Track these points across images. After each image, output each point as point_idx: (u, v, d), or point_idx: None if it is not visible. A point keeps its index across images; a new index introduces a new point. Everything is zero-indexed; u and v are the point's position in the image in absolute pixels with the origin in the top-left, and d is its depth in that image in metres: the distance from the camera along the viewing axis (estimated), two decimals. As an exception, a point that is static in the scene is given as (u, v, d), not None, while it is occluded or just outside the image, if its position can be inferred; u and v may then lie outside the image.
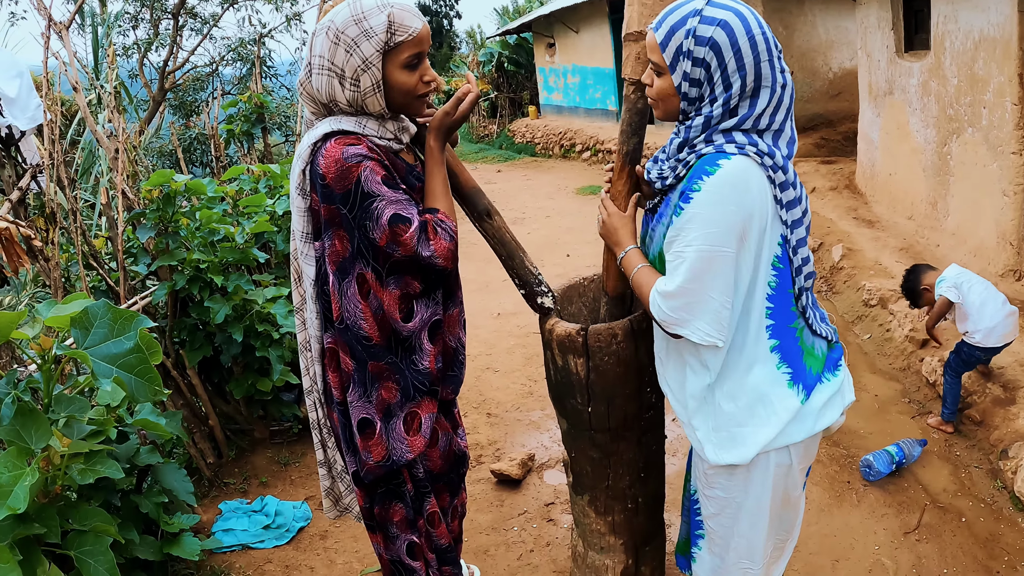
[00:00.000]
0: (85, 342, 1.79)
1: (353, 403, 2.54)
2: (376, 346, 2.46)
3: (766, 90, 2.08)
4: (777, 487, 2.40)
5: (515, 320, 6.97)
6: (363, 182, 2.24)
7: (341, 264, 2.39)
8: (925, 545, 3.53)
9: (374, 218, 2.26)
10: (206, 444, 4.62)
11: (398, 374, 2.52)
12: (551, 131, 16.76)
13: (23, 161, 6.11)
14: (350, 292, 2.40)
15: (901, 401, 4.80)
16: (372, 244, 2.30)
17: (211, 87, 17.50)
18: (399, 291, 2.39)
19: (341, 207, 2.28)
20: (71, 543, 1.96)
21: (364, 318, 2.41)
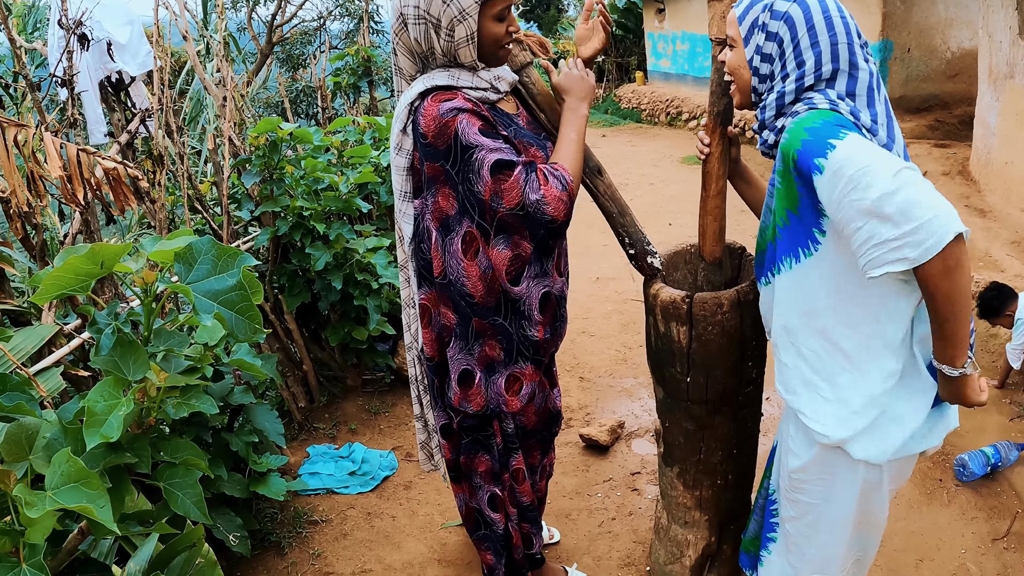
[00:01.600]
0: (188, 277, 1.80)
1: (453, 357, 2.55)
2: (479, 304, 2.45)
3: (843, 74, 2.01)
4: (862, 502, 2.27)
5: (613, 285, 6.90)
6: (460, 134, 2.23)
7: (444, 221, 2.39)
8: (1013, 554, 3.38)
9: (476, 170, 2.23)
10: (299, 388, 4.68)
11: (502, 335, 2.51)
12: (658, 98, 16.51)
13: (133, 106, 6.23)
14: (453, 248, 2.39)
15: (1001, 401, 4.60)
16: (478, 200, 2.28)
17: (318, 41, 17.68)
18: (509, 251, 2.36)
19: (444, 163, 2.28)
20: (160, 474, 1.99)
21: (467, 275, 2.40)
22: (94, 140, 6.21)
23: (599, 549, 3.53)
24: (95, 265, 1.79)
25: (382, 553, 3.60)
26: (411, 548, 3.62)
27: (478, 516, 2.92)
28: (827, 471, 2.23)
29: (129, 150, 4.88)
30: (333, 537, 3.72)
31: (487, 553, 2.98)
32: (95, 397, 1.81)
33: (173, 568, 2.06)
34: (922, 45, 10.18)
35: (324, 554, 3.61)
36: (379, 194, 4.80)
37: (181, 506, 1.96)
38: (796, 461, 2.30)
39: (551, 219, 2.27)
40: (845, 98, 2.01)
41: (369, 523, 3.81)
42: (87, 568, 1.88)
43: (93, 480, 1.62)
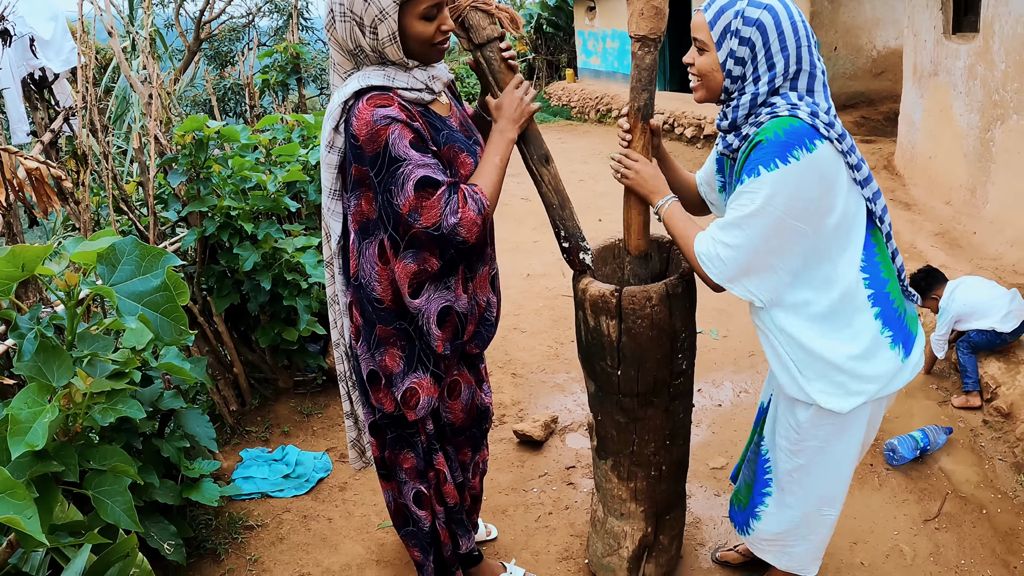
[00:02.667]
0: (111, 279, 1.76)
1: (361, 355, 2.58)
2: (387, 310, 2.46)
3: (805, 73, 2.24)
4: (868, 433, 2.59)
5: (544, 282, 6.93)
6: (390, 145, 2.23)
7: (364, 224, 2.38)
8: (944, 534, 3.47)
9: (399, 183, 2.24)
10: (230, 392, 4.62)
11: (405, 341, 2.52)
12: (588, 95, 16.60)
13: (56, 103, 6.10)
14: (368, 253, 2.40)
15: (928, 387, 4.72)
16: (394, 212, 2.27)
17: (247, 38, 17.45)
18: (415, 266, 2.35)
19: (370, 169, 2.27)
20: (89, 483, 1.94)
21: (379, 280, 2.41)
22: (16, 140, 6.07)
23: (537, 544, 3.54)
24: (16, 268, 1.75)
25: (320, 556, 3.57)
26: (349, 550, 3.60)
27: (405, 512, 2.92)
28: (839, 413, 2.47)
29: (52, 150, 4.76)
30: (269, 542, 3.68)
31: (414, 550, 2.99)
32: (19, 404, 1.76)
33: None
34: (849, 44, 10.40)
35: (261, 559, 3.57)
36: (308, 193, 4.76)
37: (111, 514, 1.92)
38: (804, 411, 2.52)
39: (463, 240, 2.30)
40: (805, 96, 2.24)
41: (305, 526, 3.78)
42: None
43: (19, 490, 1.58)
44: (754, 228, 2.22)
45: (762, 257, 2.27)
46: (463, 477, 2.96)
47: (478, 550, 3.23)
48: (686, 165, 2.78)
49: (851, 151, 2.24)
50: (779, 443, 2.67)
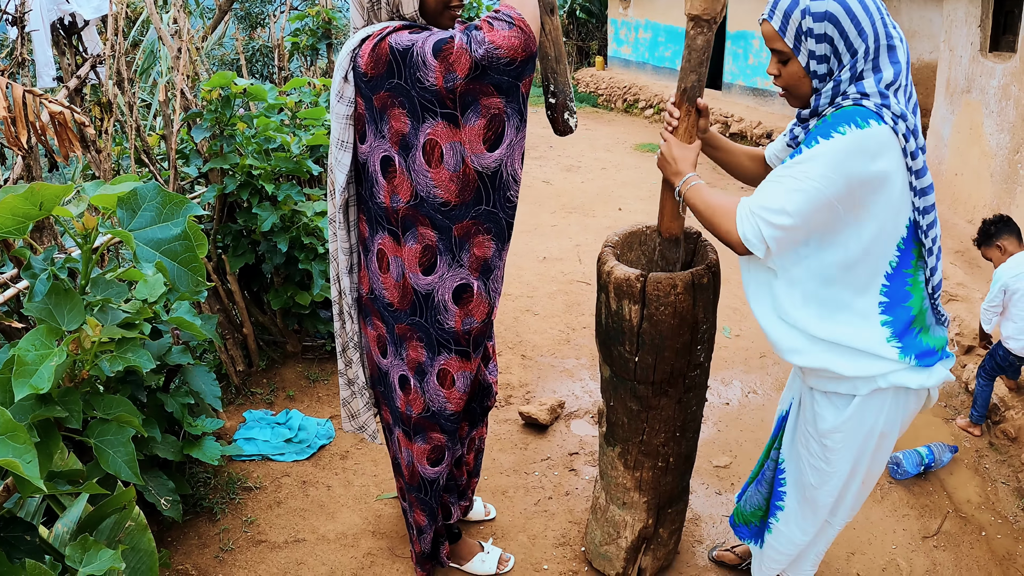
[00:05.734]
0: (130, 224, 1.72)
1: (444, 275, 2.50)
2: (457, 207, 2.38)
3: (884, 48, 2.12)
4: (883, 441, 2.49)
5: (560, 266, 6.89)
6: (394, 45, 2.21)
7: (403, 141, 2.33)
8: (942, 552, 3.44)
9: (420, 63, 2.18)
10: (238, 352, 4.60)
11: (491, 223, 2.43)
12: (616, 84, 16.48)
13: (84, 50, 6.06)
14: (417, 162, 2.33)
15: (937, 404, 4.67)
16: (432, 92, 2.21)
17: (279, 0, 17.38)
18: (484, 120, 2.25)
19: (390, 81, 2.24)
20: (92, 431, 1.91)
21: (436, 184, 2.34)
22: (42, 83, 6.03)
23: (534, 527, 3.52)
24: (33, 206, 1.71)
25: (316, 523, 3.55)
26: (345, 518, 3.58)
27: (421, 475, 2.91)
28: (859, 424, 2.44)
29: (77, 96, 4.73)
30: (267, 505, 3.67)
31: (420, 514, 2.98)
32: (26, 346, 1.73)
33: (102, 530, 2.00)
34: (883, 55, 10.28)
35: (257, 521, 3.55)
36: (331, 158, 4.72)
37: (112, 465, 1.89)
38: (824, 424, 2.47)
39: (509, 60, 2.16)
40: (881, 86, 2.13)
41: (304, 492, 3.76)
42: (13, 527, 1.81)
43: (20, 433, 1.55)
44: (799, 201, 2.13)
45: (800, 233, 2.18)
46: (461, 451, 2.95)
47: (458, 527, 3.22)
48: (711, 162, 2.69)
49: (917, 152, 2.14)
50: (800, 452, 2.63)
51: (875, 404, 2.40)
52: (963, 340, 5.04)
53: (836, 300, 2.29)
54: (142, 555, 2.02)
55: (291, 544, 3.43)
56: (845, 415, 2.41)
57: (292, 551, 3.39)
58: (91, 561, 1.75)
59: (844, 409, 2.42)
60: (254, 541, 3.44)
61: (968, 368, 4.78)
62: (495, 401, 3.11)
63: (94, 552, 1.77)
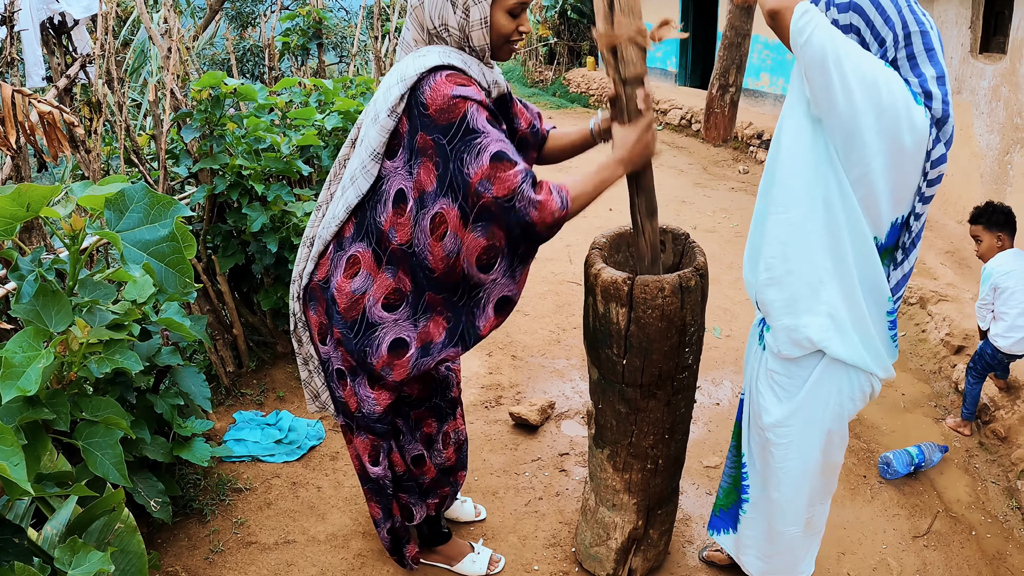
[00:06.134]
0: (118, 225, 1.72)
1: (399, 321, 2.53)
2: (438, 280, 2.44)
3: (916, 35, 2.11)
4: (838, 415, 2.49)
5: (551, 267, 6.89)
6: (469, 118, 2.24)
7: (421, 196, 2.36)
8: (932, 552, 3.45)
9: (475, 152, 2.23)
10: (228, 352, 4.59)
11: (452, 314, 2.51)
12: (606, 84, 16.45)
13: (74, 50, 6.04)
14: (423, 224, 2.37)
15: (927, 404, 4.69)
16: (464, 181, 2.26)
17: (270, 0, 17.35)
18: (484, 240, 2.34)
19: (440, 136, 2.26)
20: (80, 433, 1.91)
21: (431, 252, 2.39)
22: (31, 83, 6.01)
23: (525, 528, 3.52)
24: (21, 207, 1.71)
25: (306, 524, 3.55)
26: (336, 520, 3.57)
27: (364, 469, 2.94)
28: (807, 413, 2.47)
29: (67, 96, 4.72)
30: (257, 506, 3.66)
31: (375, 506, 3.00)
32: (13, 348, 1.73)
33: (92, 532, 1.99)
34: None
35: (247, 523, 3.55)
36: (321, 158, 4.71)
37: (100, 467, 1.88)
38: (769, 417, 2.51)
39: (532, 224, 2.27)
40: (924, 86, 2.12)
41: (294, 493, 3.75)
42: (1, 530, 1.80)
43: (7, 436, 1.55)
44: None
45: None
46: (423, 450, 2.97)
47: (447, 527, 3.21)
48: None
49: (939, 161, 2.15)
50: (753, 431, 2.67)
51: (821, 397, 2.44)
52: (952, 340, 5.06)
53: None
54: (131, 557, 2.01)
55: (281, 545, 3.42)
56: (789, 408, 2.44)
57: (282, 552, 3.38)
58: (80, 563, 1.75)
59: (787, 402, 2.45)
60: (244, 542, 3.43)
61: (958, 368, 4.80)
62: (459, 390, 3.11)
63: (83, 554, 1.76)
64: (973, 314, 5.09)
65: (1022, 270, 4.01)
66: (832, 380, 2.43)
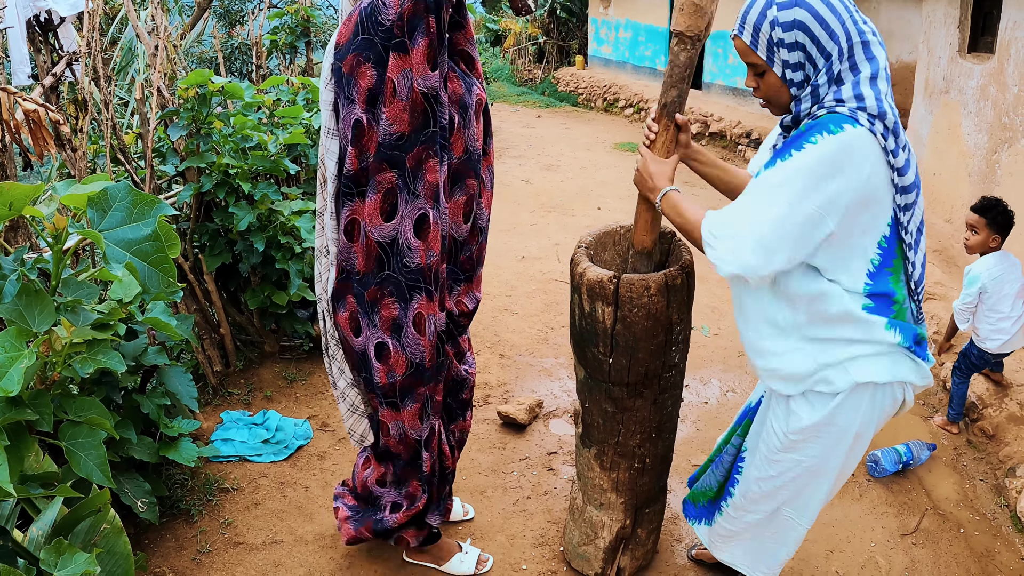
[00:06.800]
0: (101, 224, 1.71)
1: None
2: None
3: (858, 45, 2.11)
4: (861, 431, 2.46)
5: (538, 265, 6.89)
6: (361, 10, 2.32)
7: (369, 93, 2.40)
8: (920, 550, 3.46)
9: (380, 4, 2.29)
10: (215, 352, 4.58)
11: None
12: (596, 83, 16.50)
13: (60, 48, 6.02)
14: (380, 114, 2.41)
15: (915, 402, 4.70)
16: (388, 30, 2.30)
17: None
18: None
19: (355, 40, 2.33)
20: (63, 434, 1.90)
21: (391, 120, 2.37)
22: (17, 81, 5.98)
23: (513, 527, 3.52)
24: (3, 206, 1.70)
25: (294, 524, 3.54)
26: (323, 520, 3.56)
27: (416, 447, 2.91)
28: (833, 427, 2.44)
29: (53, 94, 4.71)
30: (244, 506, 3.65)
31: (416, 483, 3.00)
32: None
33: (77, 534, 1.98)
34: (860, 55, 10.32)
35: (235, 523, 3.53)
36: (308, 157, 4.70)
37: (84, 468, 1.87)
38: (798, 423, 2.45)
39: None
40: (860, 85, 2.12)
41: (281, 493, 3.74)
42: (-16, 530, 1.80)
43: (-11, 435, 1.54)
44: (769, 211, 2.12)
45: (773, 242, 2.13)
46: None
47: (437, 528, 3.21)
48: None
49: (898, 150, 2.12)
50: (760, 448, 2.63)
51: (852, 404, 2.40)
52: (940, 339, 5.07)
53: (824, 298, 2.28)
54: (118, 558, 2.01)
55: (269, 545, 3.41)
56: (822, 414, 2.42)
57: (270, 552, 3.37)
58: (66, 565, 1.74)
59: (822, 409, 2.42)
60: (232, 543, 3.42)
61: (946, 367, 4.81)
62: (472, 393, 3.10)
63: (69, 556, 1.75)
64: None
65: (1008, 274, 4.01)
66: (864, 390, 2.40)
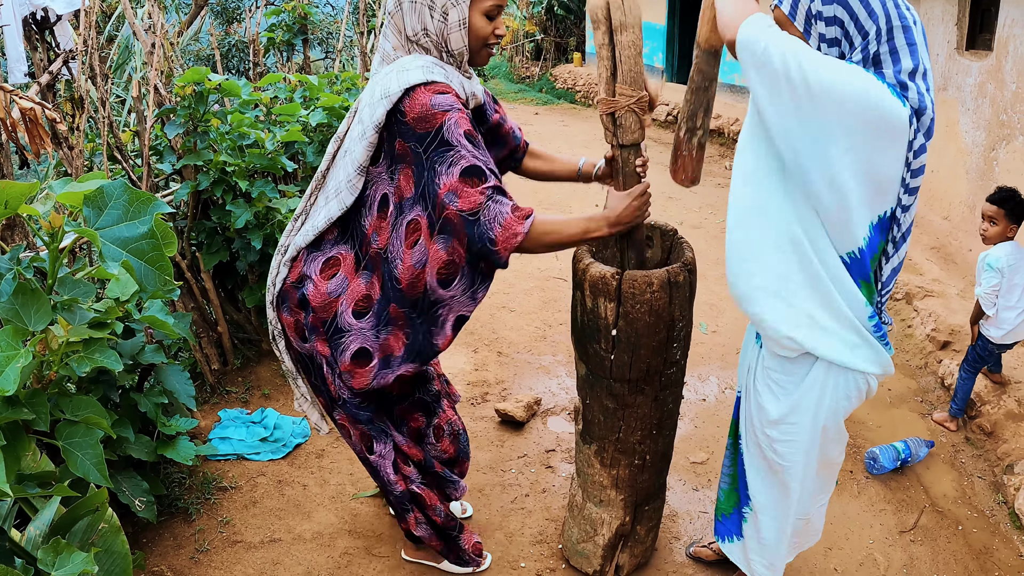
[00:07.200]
0: (97, 222, 1.70)
1: (364, 330, 2.54)
2: (402, 292, 2.44)
3: (900, 29, 2.08)
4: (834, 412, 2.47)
5: (536, 262, 6.88)
6: (444, 130, 2.26)
7: (401, 202, 2.40)
8: (919, 547, 3.46)
9: (447, 164, 2.25)
10: (212, 350, 4.57)
11: (411, 329, 2.51)
12: (594, 80, 16.47)
13: (56, 46, 6.00)
14: (400, 229, 2.40)
15: (913, 399, 4.70)
16: (434, 191, 2.28)
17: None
18: (446, 255, 2.34)
19: (416, 145, 2.28)
20: (60, 433, 1.89)
21: (402, 260, 2.40)
22: (13, 79, 5.97)
23: (511, 525, 3.51)
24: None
25: (292, 522, 3.53)
26: (321, 518, 3.56)
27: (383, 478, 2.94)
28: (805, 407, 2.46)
29: (50, 92, 4.69)
30: (242, 504, 3.64)
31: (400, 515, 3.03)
32: (-8, 346, 1.71)
33: (75, 533, 1.97)
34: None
35: (232, 522, 3.52)
36: (306, 154, 4.68)
37: (80, 467, 1.86)
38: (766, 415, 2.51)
39: (492, 241, 2.26)
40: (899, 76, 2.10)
41: (280, 491, 3.73)
42: (-18, 530, 1.79)
43: (-15, 434, 1.53)
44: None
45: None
46: (427, 443, 2.98)
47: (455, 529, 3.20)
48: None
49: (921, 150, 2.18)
50: (750, 430, 2.66)
51: (816, 394, 2.43)
52: (939, 336, 5.07)
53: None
54: (116, 557, 2.00)
55: (267, 544, 3.40)
56: (787, 405, 2.43)
57: (268, 551, 3.37)
58: (64, 564, 1.73)
59: (784, 400, 2.45)
60: (230, 541, 3.41)
61: (944, 364, 4.81)
62: (445, 385, 3.12)
63: (67, 555, 1.74)
64: (959, 309, 5.10)
65: (1021, 264, 4.01)
66: (828, 378, 2.42)
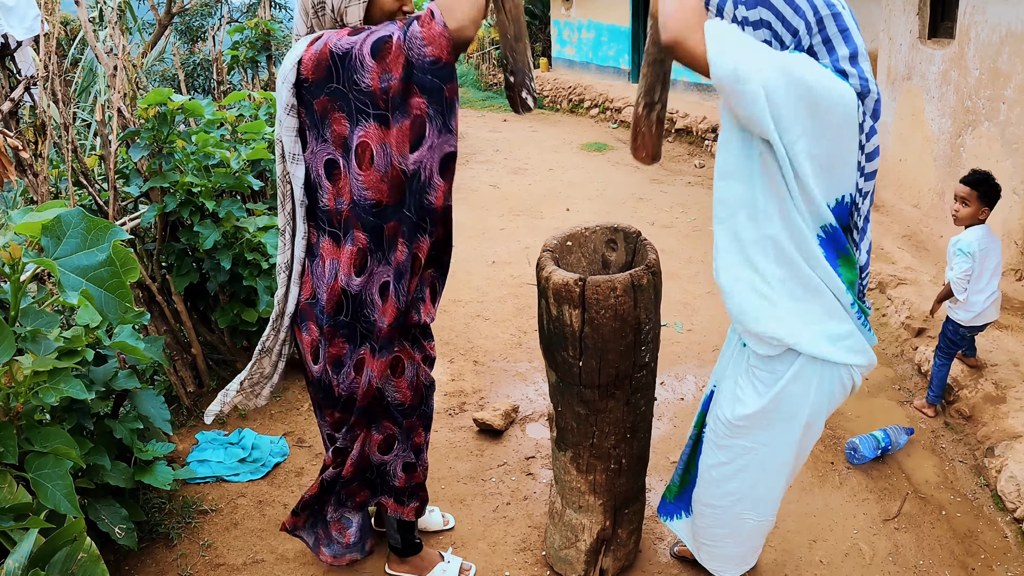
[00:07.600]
0: (56, 251, 1.69)
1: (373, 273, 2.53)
2: (388, 206, 2.41)
3: (829, 18, 2.07)
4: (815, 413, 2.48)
5: (509, 269, 6.88)
6: (333, 49, 2.24)
7: (344, 143, 2.36)
8: (903, 534, 3.48)
9: (357, 65, 2.22)
10: (187, 372, 4.54)
11: (406, 227, 2.46)
12: (561, 85, 16.53)
13: (17, 72, 5.95)
14: (353, 167, 2.36)
15: (891, 387, 4.73)
16: (367, 93, 2.25)
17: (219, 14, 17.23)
18: (409, 120, 2.30)
19: (329, 85, 2.27)
20: (29, 465, 1.88)
21: (366, 185, 2.37)
22: (-27, 109, 5.91)
23: (494, 534, 3.51)
24: (-44, 240, 1.68)
25: (274, 542, 3.51)
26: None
27: None
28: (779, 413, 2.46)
29: (12, 119, 4.65)
30: (224, 527, 3.62)
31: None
32: (-44, 381, 1.70)
33: (55, 564, 1.96)
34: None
35: (215, 545, 3.50)
36: (272, 172, 4.67)
37: (51, 499, 1.85)
38: (743, 409, 2.49)
39: (434, 60, 2.21)
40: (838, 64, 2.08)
41: (260, 511, 3.72)
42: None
43: (-48, 470, 1.52)
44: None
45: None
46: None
47: (419, 538, 3.19)
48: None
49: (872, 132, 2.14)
50: (710, 436, 2.67)
51: (798, 391, 2.42)
52: (913, 323, 5.11)
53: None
54: (94, 587, 1.98)
55: (250, 565, 3.39)
56: (767, 399, 2.44)
57: (251, 573, 3.35)
58: (41, 597, 1.72)
59: (766, 394, 2.44)
60: (213, 565, 3.39)
61: (920, 351, 4.85)
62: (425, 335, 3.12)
63: (44, 587, 1.73)
64: (932, 296, 5.13)
65: (991, 248, 4.05)
66: (811, 374, 2.40)
